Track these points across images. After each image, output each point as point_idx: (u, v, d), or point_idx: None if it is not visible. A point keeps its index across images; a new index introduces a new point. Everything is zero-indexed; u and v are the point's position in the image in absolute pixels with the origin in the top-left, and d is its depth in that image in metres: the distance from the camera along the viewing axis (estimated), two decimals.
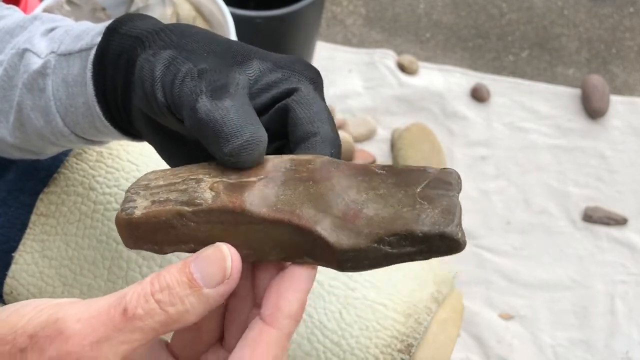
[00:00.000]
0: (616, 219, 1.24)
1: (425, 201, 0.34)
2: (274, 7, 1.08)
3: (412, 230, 0.33)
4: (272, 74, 0.38)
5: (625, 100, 1.39)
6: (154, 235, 0.35)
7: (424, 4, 1.52)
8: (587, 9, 1.54)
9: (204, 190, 0.34)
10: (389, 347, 0.51)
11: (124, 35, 0.40)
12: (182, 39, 0.39)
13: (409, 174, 0.35)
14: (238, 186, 0.34)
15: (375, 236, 0.33)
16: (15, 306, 0.32)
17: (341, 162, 0.36)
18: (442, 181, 0.35)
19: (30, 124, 0.46)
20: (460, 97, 1.37)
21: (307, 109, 0.37)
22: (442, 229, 0.33)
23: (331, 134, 0.37)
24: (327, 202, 0.34)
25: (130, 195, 0.36)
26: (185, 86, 0.36)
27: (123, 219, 0.35)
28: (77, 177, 0.56)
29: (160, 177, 0.36)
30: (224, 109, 0.35)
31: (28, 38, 0.46)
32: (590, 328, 1.14)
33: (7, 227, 0.56)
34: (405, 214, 0.34)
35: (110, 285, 0.53)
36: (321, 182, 0.35)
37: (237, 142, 0.34)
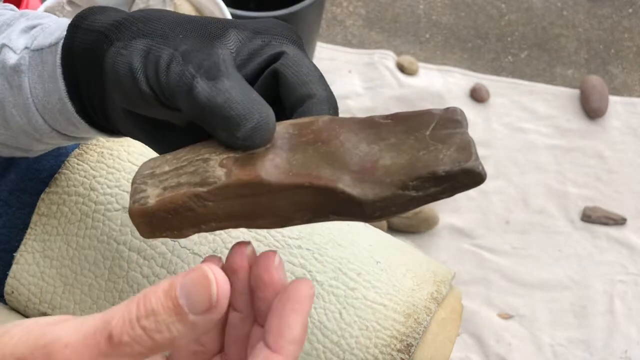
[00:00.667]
0: (615, 219, 1.24)
1: (438, 142, 0.34)
2: (274, 8, 1.08)
3: (435, 171, 0.33)
4: (253, 42, 0.37)
5: (624, 101, 1.39)
6: (171, 221, 0.35)
7: (424, 5, 1.52)
8: (586, 9, 1.54)
9: (215, 169, 0.34)
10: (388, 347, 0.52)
11: (86, 30, 0.39)
12: (150, 25, 0.37)
13: (415, 119, 0.35)
14: (247, 159, 0.34)
15: (398, 182, 0.33)
16: (6, 327, 0.31)
17: (344, 118, 0.36)
18: (449, 120, 0.35)
19: (14, 121, 0.45)
20: (460, 97, 1.37)
21: (297, 71, 0.36)
22: (464, 165, 0.33)
23: (326, 93, 0.37)
24: (341, 159, 0.34)
25: (139, 185, 0.35)
26: (173, 72, 0.35)
27: (137, 209, 0.34)
28: (78, 177, 0.56)
29: (164, 163, 0.36)
30: (225, 91, 0.34)
31: (7, 34, 0.45)
32: (589, 327, 1.15)
33: (8, 227, 0.56)
34: (422, 157, 0.34)
35: (111, 285, 0.54)
36: (330, 141, 0.35)
37: (248, 125, 0.33)
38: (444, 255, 1.20)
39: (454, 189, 0.34)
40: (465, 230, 1.22)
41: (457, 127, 0.35)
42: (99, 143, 0.57)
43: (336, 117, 0.36)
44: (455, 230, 1.22)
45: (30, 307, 0.55)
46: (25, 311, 0.56)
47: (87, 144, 0.57)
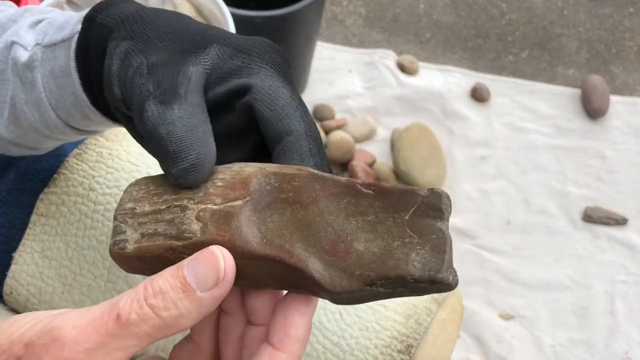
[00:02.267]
0: (616, 219, 1.24)
1: (414, 234, 0.34)
2: (274, 7, 1.08)
3: (403, 276, 0.33)
4: (232, 61, 0.37)
5: (625, 100, 1.39)
6: (148, 265, 0.35)
7: (424, 4, 1.52)
8: (587, 9, 1.54)
9: (191, 221, 0.34)
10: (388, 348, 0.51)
11: (100, 24, 0.40)
12: (141, 27, 0.38)
13: (397, 197, 0.35)
14: (224, 214, 0.34)
15: (367, 278, 0.34)
16: (15, 317, 0.32)
17: (326, 177, 0.35)
18: (430, 206, 0.35)
19: (25, 118, 0.46)
20: (460, 97, 1.37)
21: (271, 105, 0.36)
22: (433, 274, 0.33)
23: (303, 127, 0.36)
24: (315, 232, 0.34)
25: (119, 224, 0.35)
26: (134, 84, 0.35)
27: (116, 253, 0.35)
28: (77, 177, 0.56)
29: (145, 198, 0.36)
30: (171, 122, 0.34)
31: (15, 30, 0.46)
32: (590, 328, 1.14)
33: (7, 227, 0.56)
34: (395, 250, 0.34)
35: (110, 286, 0.53)
36: (308, 206, 0.34)
37: (182, 165, 0.34)
38: None
39: (423, 291, 0.34)
40: (465, 231, 1.22)
41: (437, 216, 0.35)
42: (98, 143, 0.57)
43: (318, 174, 0.35)
44: (455, 231, 1.22)
45: (29, 307, 0.55)
46: (24, 311, 0.56)
47: (86, 144, 0.57)
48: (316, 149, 0.37)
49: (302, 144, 0.36)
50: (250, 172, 0.35)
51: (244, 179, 0.35)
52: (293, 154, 0.36)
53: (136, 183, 0.37)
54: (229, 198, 0.34)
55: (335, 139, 1.24)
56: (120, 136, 0.58)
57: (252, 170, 0.35)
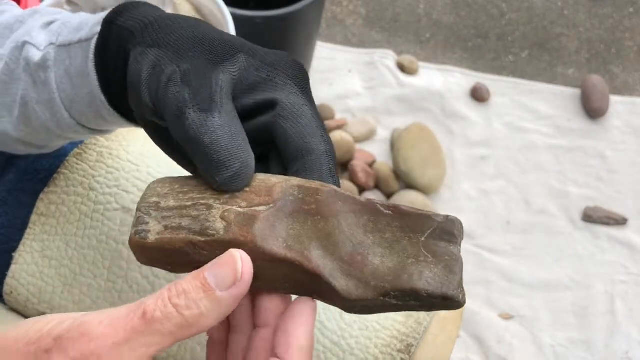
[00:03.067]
0: (616, 219, 1.24)
1: (429, 254, 0.36)
2: (274, 7, 1.08)
3: (417, 290, 0.35)
4: (258, 73, 0.38)
5: (625, 101, 1.39)
6: (167, 258, 0.37)
7: (424, 4, 1.52)
8: (587, 9, 1.54)
9: (215, 220, 0.35)
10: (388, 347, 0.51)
11: (120, 27, 0.40)
12: (167, 36, 0.38)
13: (415, 220, 0.37)
14: (248, 217, 0.35)
15: (381, 289, 0.35)
16: (42, 316, 0.33)
17: (347, 196, 0.37)
18: (445, 231, 0.37)
19: (36, 117, 0.46)
20: (460, 97, 1.37)
21: (295, 123, 0.37)
22: (445, 291, 0.35)
23: (324, 147, 0.38)
24: (334, 242, 0.36)
25: (142, 215, 0.36)
26: (169, 92, 0.36)
27: (136, 242, 0.36)
28: (77, 177, 0.56)
29: (170, 195, 0.37)
30: (213, 130, 0.35)
31: (27, 31, 0.46)
32: (590, 328, 1.14)
33: (7, 227, 0.56)
34: (410, 267, 0.35)
35: (110, 285, 0.53)
36: (329, 219, 0.36)
37: (227, 174, 0.35)
38: None
39: (433, 306, 0.36)
40: (465, 231, 1.22)
41: (451, 240, 0.37)
42: (98, 143, 0.57)
43: (340, 192, 0.37)
44: None
45: (30, 307, 0.55)
46: (24, 311, 0.56)
47: (86, 144, 0.57)
48: (334, 169, 0.38)
49: (323, 164, 0.37)
50: (276, 182, 0.36)
51: (270, 187, 0.36)
52: (313, 173, 0.37)
53: (160, 181, 0.38)
54: (254, 203, 0.36)
55: (335, 139, 1.24)
56: (120, 136, 0.58)
57: (277, 181, 0.36)
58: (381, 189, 1.23)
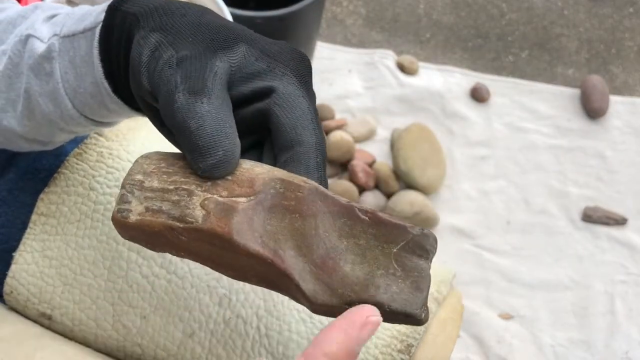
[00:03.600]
0: (616, 219, 1.24)
1: (399, 267, 0.36)
2: (274, 7, 1.08)
3: (381, 304, 0.36)
4: (257, 63, 0.38)
5: (625, 101, 1.39)
6: (147, 237, 0.37)
7: (424, 4, 1.52)
8: (587, 9, 1.54)
9: (195, 207, 0.35)
10: (388, 347, 0.51)
11: (125, 12, 0.40)
12: (171, 20, 0.38)
13: (390, 229, 0.37)
14: (227, 207, 0.35)
15: (347, 298, 0.36)
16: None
17: (328, 195, 0.37)
18: (418, 245, 0.37)
19: (40, 110, 0.46)
20: (460, 97, 1.37)
21: (289, 112, 0.38)
22: (408, 309, 0.36)
23: (315, 140, 0.38)
24: (309, 243, 0.36)
25: (126, 194, 0.37)
26: (162, 74, 0.36)
27: (118, 219, 0.37)
28: (78, 177, 0.56)
29: (155, 174, 0.37)
30: (200, 116, 0.35)
31: (30, 24, 0.46)
32: (590, 328, 1.14)
33: (7, 226, 0.56)
34: (378, 278, 0.36)
35: (111, 285, 0.54)
36: (306, 218, 0.36)
37: (210, 160, 0.35)
38: (444, 256, 1.19)
39: (394, 321, 0.37)
40: (465, 231, 1.22)
41: (422, 255, 0.37)
42: (98, 143, 0.57)
43: (321, 190, 0.37)
44: (455, 231, 1.22)
45: (30, 307, 0.55)
46: (24, 311, 0.56)
47: (86, 143, 0.57)
48: (322, 164, 0.38)
49: (311, 157, 0.38)
50: (259, 173, 0.36)
51: (252, 178, 0.36)
52: (300, 165, 0.37)
53: (147, 156, 0.39)
54: (235, 193, 0.36)
55: (335, 139, 1.24)
56: (120, 136, 0.58)
57: (260, 171, 0.37)
58: (381, 189, 1.23)
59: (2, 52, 0.47)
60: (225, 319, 0.52)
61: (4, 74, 0.47)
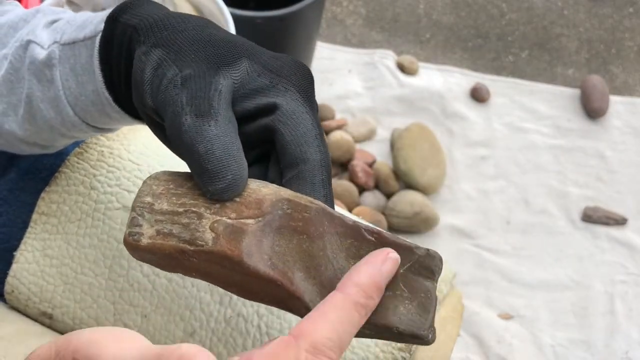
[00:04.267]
0: (616, 219, 1.24)
1: (406, 288, 0.37)
2: (274, 7, 1.08)
3: (389, 326, 0.36)
4: (260, 79, 0.38)
5: (625, 101, 1.39)
6: (158, 259, 0.37)
7: (424, 4, 1.52)
8: (586, 9, 1.54)
9: (205, 230, 0.36)
10: (389, 346, 0.51)
11: (124, 24, 0.40)
12: (173, 35, 0.38)
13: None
14: (236, 229, 0.36)
15: None
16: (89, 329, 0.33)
17: (335, 216, 0.37)
18: (424, 266, 0.38)
19: (41, 115, 0.46)
20: (460, 97, 1.37)
21: (293, 129, 0.38)
22: (416, 331, 0.36)
23: (319, 157, 0.38)
24: (317, 265, 0.36)
25: (137, 217, 0.37)
26: (167, 94, 0.36)
27: (130, 242, 0.37)
28: (79, 176, 0.56)
29: (164, 195, 0.37)
30: (209, 140, 0.35)
31: (31, 30, 0.46)
32: (590, 328, 1.14)
33: (8, 225, 0.56)
34: (385, 300, 0.36)
35: (112, 284, 0.54)
36: (314, 240, 0.36)
37: (219, 185, 0.35)
38: (444, 256, 1.18)
39: (402, 341, 0.37)
40: (465, 231, 1.22)
41: (429, 276, 0.38)
42: (99, 142, 0.57)
43: (328, 211, 0.37)
44: (455, 231, 1.22)
45: (31, 306, 0.55)
46: (25, 310, 0.56)
47: (87, 143, 0.57)
48: (327, 181, 0.38)
49: (316, 174, 0.38)
50: (266, 194, 0.37)
51: (260, 199, 0.36)
52: (306, 183, 0.38)
53: (156, 177, 0.39)
54: (243, 215, 0.36)
55: (335, 139, 1.24)
56: (121, 135, 0.58)
57: (267, 192, 0.37)
58: (381, 189, 1.23)
59: (3, 57, 0.47)
60: (226, 318, 0.52)
61: (5, 78, 0.47)
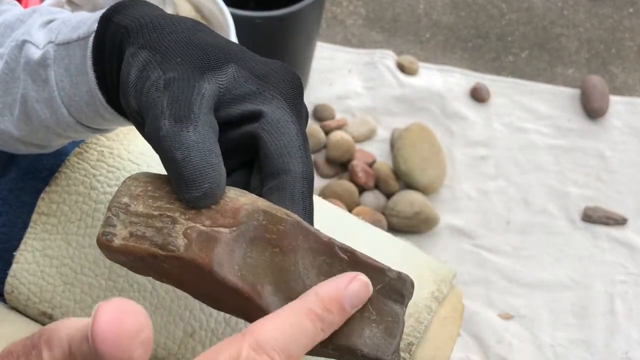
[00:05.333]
0: (616, 219, 1.24)
1: (374, 310, 0.36)
2: (274, 7, 1.08)
3: (353, 349, 0.36)
4: (247, 85, 0.37)
5: (625, 101, 1.39)
6: (130, 262, 0.37)
7: (424, 4, 1.52)
8: (586, 9, 1.54)
9: (178, 236, 0.35)
10: None
11: (117, 24, 0.40)
12: (161, 37, 0.38)
13: (368, 271, 0.37)
14: (209, 237, 0.35)
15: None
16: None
17: (310, 231, 0.37)
18: (394, 289, 0.37)
19: (36, 115, 0.46)
20: (460, 97, 1.37)
21: (276, 139, 0.37)
22: (380, 355, 0.36)
23: (301, 168, 0.37)
24: (287, 279, 0.36)
25: (111, 216, 0.37)
26: (149, 97, 0.36)
27: (103, 242, 0.37)
28: (79, 176, 0.56)
29: (141, 197, 0.37)
30: (187, 147, 0.35)
31: (26, 30, 0.46)
32: (590, 328, 1.15)
33: (8, 226, 0.56)
34: (352, 321, 0.36)
35: (112, 284, 0.54)
36: (286, 253, 0.36)
37: (195, 193, 0.35)
38: (444, 256, 1.20)
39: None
40: (465, 231, 1.22)
41: (398, 300, 0.37)
42: (99, 142, 0.57)
43: (303, 225, 0.37)
44: (455, 231, 1.22)
45: (30, 306, 0.55)
46: (25, 310, 0.56)
47: (87, 143, 0.57)
48: (307, 193, 0.38)
49: (296, 186, 0.37)
50: (243, 204, 0.36)
51: (236, 209, 0.36)
52: (285, 194, 0.37)
53: (136, 178, 0.38)
54: (218, 223, 0.36)
55: (335, 139, 1.24)
56: (121, 135, 0.58)
57: (244, 202, 0.36)
58: (381, 189, 1.23)
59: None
60: (225, 318, 0.52)
61: (0, 78, 0.47)
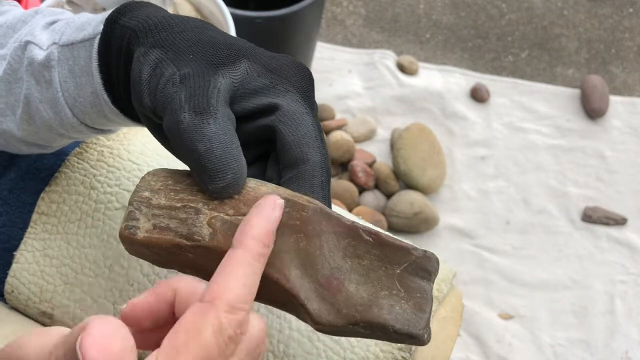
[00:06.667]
0: (615, 219, 1.24)
1: (402, 288, 0.37)
2: (274, 7, 1.08)
3: (385, 325, 0.36)
4: (260, 79, 0.38)
5: (624, 101, 1.39)
6: (154, 254, 0.37)
7: (424, 4, 1.52)
8: (586, 9, 1.54)
9: (202, 225, 0.36)
10: (389, 345, 0.51)
11: (123, 26, 0.40)
12: (171, 36, 0.38)
13: (393, 251, 0.37)
14: (234, 225, 0.36)
15: (352, 318, 0.36)
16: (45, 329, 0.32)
17: (333, 216, 0.37)
18: (420, 267, 0.37)
19: (39, 116, 0.46)
20: (460, 97, 1.37)
21: (294, 130, 0.38)
22: (411, 330, 0.36)
23: (320, 158, 0.38)
24: (314, 263, 0.36)
25: (134, 210, 0.37)
26: (166, 93, 0.36)
27: (126, 236, 0.37)
28: (79, 176, 0.56)
29: (162, 191, 0.37)
30: (208, 139, 0.35)
31: (30, 31, 0.46)
32: (590, 328, 1.15)
33: (8, 226, 0.56)
34: (382, 299, 0.36)
35: (112, 284, 0.54)
36: (311, 238, 0.36)
37: (219, 184, 0.35)
38: (444, 256, 1.20)
39: (398, 341, 0.37)
40: (465, 231, 1.22)
41: (425, 277, 0.37)
42: (99, 142, 0.57)
43: (326, 211, 0.37)
44: (455, 231, 1.22)
45: (30, 306, 0.55)
46: (25, 310, 0.56)
47: (87, 143, 0.57)
48: (326, 182, 0.38)
49: (316, 175, 0.38)
50: (264, 192, 0.37)
51: (258, 197, 0.36)
52: (305, 183, 0.38)
53: (154, 173, 0.39)
54: (241, 212, 0.36)
55: (335, 139, 1.24)
56: (121, 135, 0.58)
57: (266, 191, 0.37)
58: (381, 189, 1.23)
59: (1, 57, 0.47)
60: None
61: (2, 78, 0.47)
